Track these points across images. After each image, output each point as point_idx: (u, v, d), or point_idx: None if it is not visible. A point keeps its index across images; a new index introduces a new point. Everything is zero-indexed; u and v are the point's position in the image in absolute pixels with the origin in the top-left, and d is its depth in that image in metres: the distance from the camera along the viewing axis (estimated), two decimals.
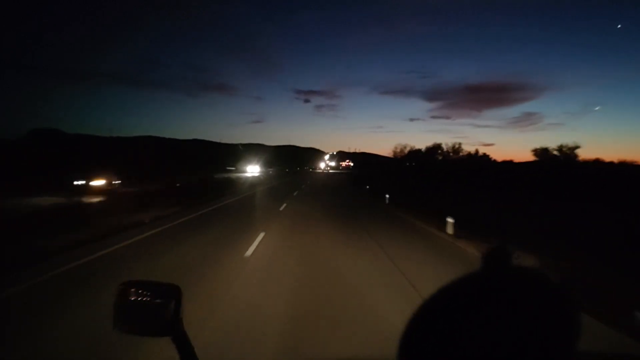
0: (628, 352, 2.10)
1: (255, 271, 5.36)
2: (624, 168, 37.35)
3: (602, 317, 3.59)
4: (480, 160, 56.75)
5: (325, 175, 48.03)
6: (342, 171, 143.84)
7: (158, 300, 0.80)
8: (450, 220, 8.90)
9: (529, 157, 46.72)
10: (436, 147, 58.84)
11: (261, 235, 7.94)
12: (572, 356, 0.42)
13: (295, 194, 21.05)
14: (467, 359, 0.40)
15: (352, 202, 17.78)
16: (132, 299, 0.82)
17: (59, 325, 3.45)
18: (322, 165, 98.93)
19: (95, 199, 15.25)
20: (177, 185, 23.40)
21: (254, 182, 32.50)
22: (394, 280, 5.07)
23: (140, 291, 0.83)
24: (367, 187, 25.75)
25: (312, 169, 67.36)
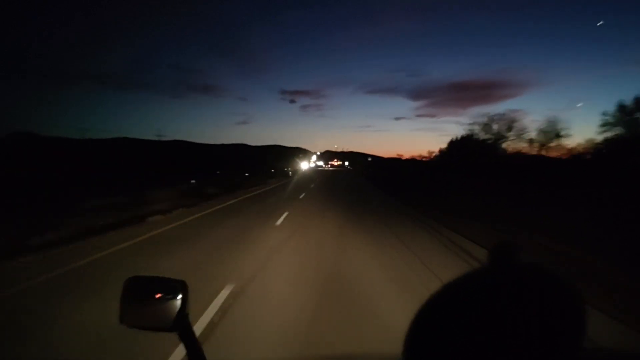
0: (634, 349, 1.82)
1: None
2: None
3: None
4: None
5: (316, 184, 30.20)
6: (337, 169, 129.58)
7: (164, 296, 0.81)
8: None
9: None
10: None
11: None
12: (578, 352, 0.43)
13: None
14: (472, 355, 0.40)
15: None
16: (139, 294, 0.84)
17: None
18: (303, 165, 79.35)
19: None
20: None
21: None
22: None
23: (146, 286, 0.85)
24: None
25: (291, 172, 49.72)
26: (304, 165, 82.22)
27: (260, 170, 60.74)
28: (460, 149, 48.61)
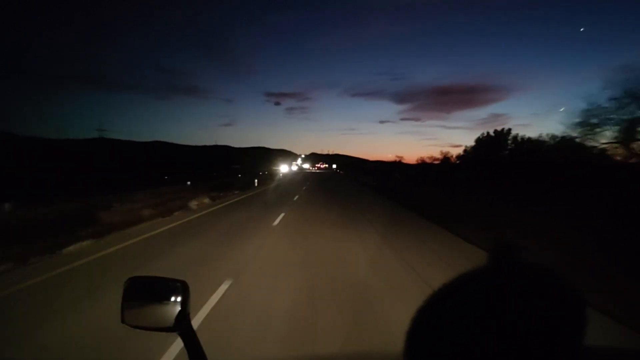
0: (634, 347, 1.71)
1: None
2: None
3: None
4: None
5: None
6: (323, 171, 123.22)
7: (165, 296, 0.80)
8: None
9: None
10: None
11: None
12: (578, 351, 0.42)
13: None
14: (472, 355, 0.40)
15: None
16: (140, 294, 0.83)
17: None
18: (282, 169, 62.25)
19: None
20: None
21: None
22: None
23: (147, 286, 0.85)
24: None
25: (257, 181, 29.03)
26: (284, 169, 63.86)
27: (224, 174, 47.65)
28: (490, 147, 36.95)
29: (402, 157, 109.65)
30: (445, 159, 57.32)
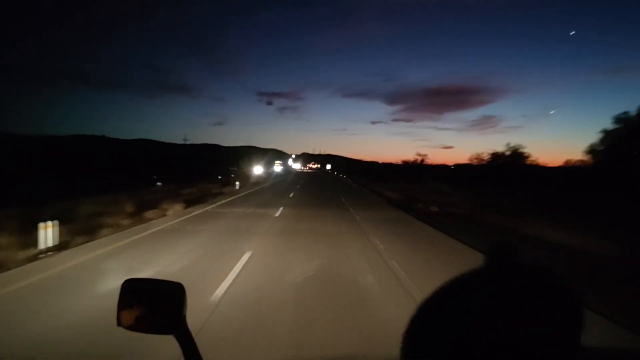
0: (631, 347, 1.87)
1: None
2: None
3: None
4: None
5: None
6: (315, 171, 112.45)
7: (162, 298, 0.80)
8: None
9: None
10: None
11: None
12: (576, 351, 0.43)
13: None
14: (471, 355, 0.40)
15: None
16: (136, 296, 0.82)
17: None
18: (255, 170, 45.53)
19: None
20: None
21: None
22: None
23: (144, 289, 0.84)
24: None
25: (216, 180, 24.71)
26: (258, 170, 46.61)
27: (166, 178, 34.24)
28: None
29: (425, 155, 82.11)
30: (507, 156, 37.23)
